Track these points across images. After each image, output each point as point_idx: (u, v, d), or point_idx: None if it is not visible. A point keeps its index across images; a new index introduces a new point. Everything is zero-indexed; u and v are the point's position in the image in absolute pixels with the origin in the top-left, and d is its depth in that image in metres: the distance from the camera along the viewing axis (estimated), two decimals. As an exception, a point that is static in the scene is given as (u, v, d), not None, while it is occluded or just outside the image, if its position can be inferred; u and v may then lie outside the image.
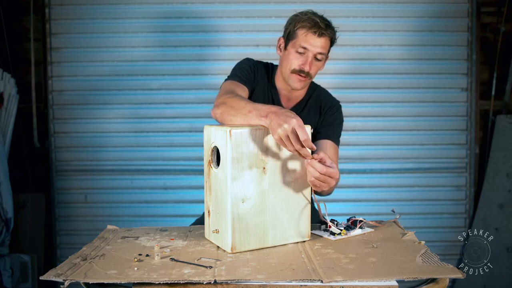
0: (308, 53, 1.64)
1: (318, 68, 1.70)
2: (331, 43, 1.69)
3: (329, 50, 1.71)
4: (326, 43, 1.66)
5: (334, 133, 1.78)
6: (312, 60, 1.65)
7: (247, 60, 1.79)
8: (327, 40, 1.65)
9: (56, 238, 3.09)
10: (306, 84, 1.72)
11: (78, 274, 1.08)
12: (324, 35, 1.63)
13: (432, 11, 3.06)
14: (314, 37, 1.62)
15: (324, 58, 1.70)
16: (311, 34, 1.62)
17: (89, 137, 3.07)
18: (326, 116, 1.78)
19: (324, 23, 1.63)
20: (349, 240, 1.34)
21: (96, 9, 3.02)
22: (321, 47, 1.64)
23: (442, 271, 1.07)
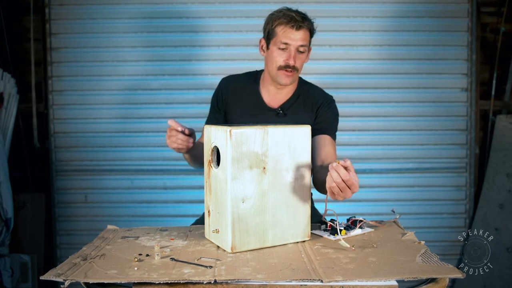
0: (290, 48, 1.67)
1: (303, 60, 1.73)
2: (311, 34, 1.72)
3: (310, 42, 1.74)
4: (306, 35, 1.68)
5: (331, 127, 1.80)
6: (295, 53, 1.68)
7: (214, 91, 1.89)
8: (306, 31, 1.68)
9: (56, 238, 3.08)
10: (295, 78, 1.74)
11: (78, 274, 1.08)
12: (302, 28, 1.66)
13: (432, 11, 3.06)
14: (292, 31, 1.65)
15: (307, 50, 1.72)
16: (289, 29, 1.65)
17: (89, 137, 3.07)
18: (320, 112, 1.79)
19: (300, 16, 1.67)
20: (349, 240, 1.34)
21: (96, 9, 3.02)
22: (301, 39, 1.67)
23: (442, 271, 1.07)
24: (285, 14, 1.67)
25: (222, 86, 1.87)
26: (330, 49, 3.06)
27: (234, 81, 1.87)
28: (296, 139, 1.29)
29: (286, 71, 1.69)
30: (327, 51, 3.05)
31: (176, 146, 1.58)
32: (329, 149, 1.72)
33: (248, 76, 1.87)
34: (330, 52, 3.06)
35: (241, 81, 1.85)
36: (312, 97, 1.81)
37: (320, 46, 3.06)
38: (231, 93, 1.83)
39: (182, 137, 1.55)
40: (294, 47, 1.67)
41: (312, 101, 1.80)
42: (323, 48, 3.05)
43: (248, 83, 1.84)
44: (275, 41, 1.68)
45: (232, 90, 1.84)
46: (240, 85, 1.84)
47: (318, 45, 3.05)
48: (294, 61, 1.67)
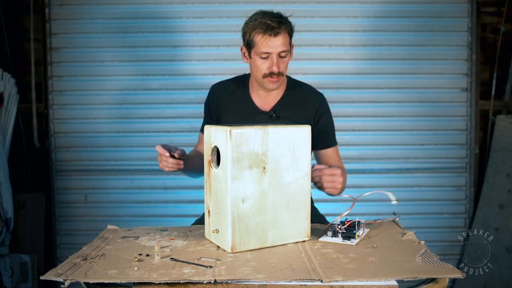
0: (271, 56, 1.66)
1: (286, 63, 1.72)
2: (290, 35, 1.70)
3: (291, 41, 1.73)
4: (285, 39, 1.67)
5: (331, 136, 1.84)
6: (277, 60, 1.67)
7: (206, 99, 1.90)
8: (285, 35, 1.66)
9: (56, 238, 3.09)
10: (281, 82, 1.75)
11: (79, 274, 1.08)
12: (280, 33, 1.64)
13: (432, 11, 3.06)
14: (271, 39, 1.64)
15: (289, 51, 1.71)
16: (267, 37, 1.64)
17: (89, 137, 3.07)
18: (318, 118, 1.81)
19: (276, 21, 1.64)
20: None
21: (96, 9, 3.02)
22: (281, 45, 1.65)
23: (442, 271, 1.07)
24: (260, 22, 1.64)
25: (213, 93, 1.87)
26: (330, 49, 3.06)
27: (223, 87, 1.86)
28: (296, 139, 1.29)
29: (271, 78, 1.69)
30: (327, 51, 3.06)
31: (168, 170, 1.62)
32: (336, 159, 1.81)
33: (237, 81, 1.86)
34: (330, 52, 3.06)
35: (230, 86, 1.85)
36: (305, 97, 1.82)
37: (320, 46, 3.06)
38: (222, 99, 1.83)
39: (172, 161, 1.58)
40: (275, 54, 1.66)
41: (305, 102, 1.81)
42: (323, 48, 3.05)
43: (238, 88, 1.84)
44: (256, 50, 1.67)
45: (222, 96, 1.84)
46: (230, 91, 1.84)
47: (318, 45, 3.06)
48: (277, 67, 1.67)
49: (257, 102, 1.81)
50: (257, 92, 1.81)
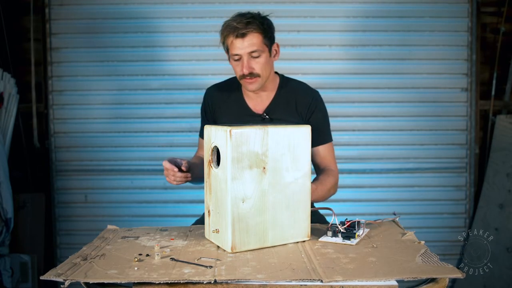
0: (242, 57, 1.66)
1: (262, 63, 1.68)
2: (264, 33, 1.67)
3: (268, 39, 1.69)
4: (254, 39, 1.64)
5: (329, 131, 1.82)
6: (247, 61, 1.65)
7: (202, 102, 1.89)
8: (254, 34, 1.64)
9: (56, 238, 3.09)
10: (260, 83, 1.70)
11: (78, 274, 1.08)
12: (247, 34, 1.63)
13: (432, 11, 3.06)
14: (238, 41, 1.64)
15: (265, 51, 1.68)
16: (234, 39, 1.64)
17: (89, 137, 3.07)
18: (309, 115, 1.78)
19: (242, 23, 1.63)
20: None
21: (96, 9, 3.02)
22: (249, 45, 1.64)
23: (442, 271, 1.07)
24: (228, 25, 1.66)
25: (208, 96, 1.87)
26: (330, 49, 3.06)
27: (218, 90, 1.86)
28: (296, 139, 1.29)
29: (246, 79, 1.68)
30: (327, 51, 3.06)
31: (176, 184, 1.61)
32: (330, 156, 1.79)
33: (231, 83, 1.86)
34: (330, 52, 3.06)
35: (225, 89, 1.85)
36: (296, 96, 1.79)
37: (320, 46, 3.06)
38: (217, 102, 1.83)
39: (180, 175, 1.55)
40: (245, 56, 1.65)
41: (297, 101, 1.78)
42: (323, 48, 3.05)
43: (232, 90, 1.83)
44: (230, 54, 1.69)
45: (218, 99, 1.84)
46: (225, 94, 1.83)
47: (318, 45, 3.06)
48: (247, 69, 1.65)
49: (250, 104, 1.80)
50: (248, 94, 1.80)
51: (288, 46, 3.00)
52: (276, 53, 1.77)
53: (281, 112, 1.77)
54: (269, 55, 1.71)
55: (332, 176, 1.71)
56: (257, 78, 1.68)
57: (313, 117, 1.78)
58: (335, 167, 1.79)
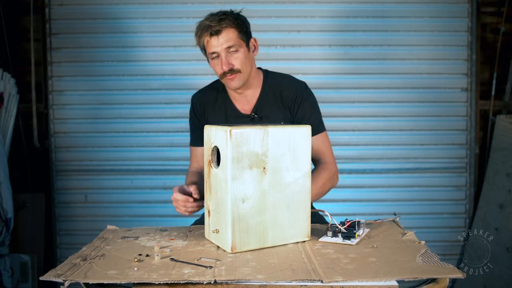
0: (219, 55, 1.64)
1: (241, 58, 1.65)
2: (239, 28, 1.65)
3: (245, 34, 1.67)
4: (230, 34, 1.62)
5: (320, 122, 1.75)
6: (226, 57, 1.63)
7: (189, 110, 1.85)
8: (229, 30, 1.63)
9: (56, 238, 3.09)
10: (242, 78, 1.66)
11: (78, 274, 1.08)
12: (221, 30, 1.62)
13: (432, 11, 3.06)
14: (213, 38, 1.62)
15: (240, 45, 1.65)
16: (209, 38, 1.63)
17: (89, 137, 3.07)
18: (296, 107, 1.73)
19: (215, 20, 1.62)
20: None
21: (96, 9, 3.02)
22: (225, 41, 1.62)
23: (442, 271, 1.07)
24: (200, 24, 1.65)
25: (196, 103, 1.82)
26: (330, 49, 3.06)
27: (205, 96, 1.82)
28: (296, 139, 1.29)
29: (227, 76, 1.65)
30: (327, 51, 3.05)
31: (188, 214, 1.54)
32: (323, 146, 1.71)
33: (215, 87, 1.82)
34: (330, 52, 3.06)
35: (211, 94, 1.81)
36: (281, 89, 1.75)
37: (320, 46, 3.06)
38: (206, 108, 1.80)
39: (192, 205, 1.49)
40: (222, 52, 1.63)
41: (283, 95, 1.74)
42: (323, 48, 3.05)
43: (218, 93, 1.80)
44: (207, 53, 1.67)
45: (206, 104, 1.80)
46: (211, 97, 1.80)
47: (318, 45, 3.06)
48: (227, 65, 1.62)
49: (237, 105, 1.76)
50: (234, 96, 1.77)
51: (288, 46, 3.00)
52: (255, 48, 1.73)
53: (269, 109, 1.73)
54: (247, 50, 1.68)
55: (325, 170, 1.66)
56: (237, 74, 1.65)
57: (301, 109, 1.73)
58: (331, 158, 1.72)
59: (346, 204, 3.07)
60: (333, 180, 1.68)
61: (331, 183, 1.67)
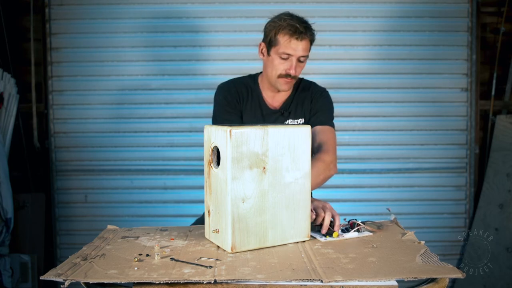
0: (292, 58, 1.71)
1: (302, 68, 1.77)
2: (311, 42, 1.75)
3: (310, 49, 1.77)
4: (307, 45, 1.72)
5: (329, 117, 1.84)
6: (296, 63, 1.72)
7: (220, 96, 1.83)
8: (308, 42, 1.72)
9: (56, 238, 3.09)
10: (293, 84, 1.80)
11: (78, 274, 1.08)
12: (304, 39, 1.69)
13: (432, 11, 3.06)
14: (296, 42, 1.68)
15: (307, 57, 1.76)
16: (293, 40, 1.68)
17: (89, 137, 3.07)
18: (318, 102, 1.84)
19: (303, 26, 1.69)
20: (349, 240, 1.34)
21: (96, 9, 3.02)
22: (303, 50, 1.70)
23: (442, 270, 1.07)
24: (289, 24, 1.69)
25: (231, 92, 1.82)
26: (330, 49, 3.06)
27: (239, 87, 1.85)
28: (296, 139, 1.29)
29: (286, 79, 1.74)
30: (327, 51, 3.06)
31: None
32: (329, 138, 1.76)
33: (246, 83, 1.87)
34: (330, 52, 3.06)
35: (243, 88, 1.86)
36: (308, 91, 1.87)
37: (320, 46, 3.06)
38: (242, 98, 1.84)
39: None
40: (295, 58, 1.70)
41: (308, 95, 1.86)
42: (323, 48, 3.05)
43: (251, 90, 1.86)
44: (277, 50, 1.71)
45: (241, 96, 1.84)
46: (245, 92, 1.85)
47: (318, 45, 3.04)
48: (295, 70, 1.72)
49: (268, 100, 1.85)
50: (267, 92, 1.85)
51: (288, 46, 3.00)
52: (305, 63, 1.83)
53: (297, 107, 1.84)
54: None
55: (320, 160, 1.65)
56: (293, 80, 1.75)
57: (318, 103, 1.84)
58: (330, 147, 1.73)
59: (346, 204, 3.07)
60: (329, 170, 1.68)
61: (327, 173, 1.67)
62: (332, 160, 1.70)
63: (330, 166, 1.69)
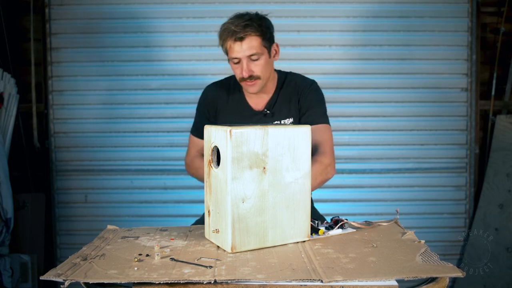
0: (241, 61, 1.65)
1: (262, 65, 1.68)
2: (262, 35, 1.66)
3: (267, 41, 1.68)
4: (252, 42, 1.64)
5: (321, 114, 1.75)
6: (247, 64, 1.65)
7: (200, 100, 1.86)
8: (252, 38, 1.63)
9: (56, 238, 3.09)
10: (260, 84, 1.71)
11: (78, 274, 1.08)
12: (245, 37, 1.62)
13: (432, 11, 3.06)
14: (236, 44, 1.63)
15: (263, 53, 1.67)
16: (233, 43, 1.63)
17: (89, 137, 3.07)
18: (306, 100, 1.76)
19: (240, 26, 1.62)
20: (349, 239, 1.34)
21: (96, 9, 3.02)
22: (248, 49, 1.63)
23: (442, 270, 1.07)
24: (226, 28, 1.64)
25: (209, 94, 1.84)
26: (330, 49, 3.06)
27: (219, 88, 1.84)
28: (296, 139, 1.29)
29: (247, 82, 1.68)
30: (327, 51, 3.06)
31: None
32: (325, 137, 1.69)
33: (230, 82, 1.85)
34: (330, 52, 3.06)
35: (225, 87, 1.84)
36: (293, 87, 1.79)
37: (320, 46, 3.06)
38: (219, 100, 1.82)
39: None
40: (244, 59, 1.65)
41: (294, 91, 1.79)
42: (323, 48, 3.05)
43: (232, 89, 1.82)
44: (229, 57, 1.69)
45: (219, 97, 1.82)
46: (226, 92, 1.82)
47: (318, 45, 3.06)
48: (247, 72, 1.65)
49: (250, 102, 1.80)
50: (248, 94, 1.80)
51: (288, 46, 3.00)
52: (276, 53, 1.76)
53: (282, 106, 1.77)
54: (268, 57, 1.70)
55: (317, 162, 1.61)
56: (257, 80, 1.68)
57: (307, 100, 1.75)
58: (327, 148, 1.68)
59: (346, 204, 3.07)
60: (326, 172, 1.65)
61: (324, 176, 1.64)
62: (330, 162, 1.66)
63: (327, 169, 1.65)
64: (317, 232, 1.38)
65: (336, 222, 1.42)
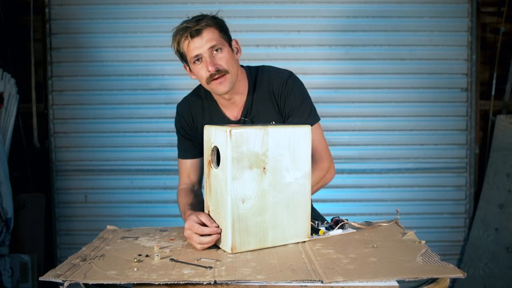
0: (203, 57, 1.52)
1: (227, 57, 1.54)
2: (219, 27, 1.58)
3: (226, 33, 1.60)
4: (210, 33, 1.54)
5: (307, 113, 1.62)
6: (211, 58, 1.52)
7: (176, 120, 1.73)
8: (209, 29, 1.54)
9: (56, 238, 3.08)
10: (230, 80, 1.55)
11: (78, 274, 1.08)
12: (201, 30, 1.53)
13: (432, 11, 3.06)
14: (195, 40, 1.52)
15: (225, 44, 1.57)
16: (189, 40, 1.52)
17: (89, 137, 3.07)
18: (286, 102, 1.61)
19: (194, 21, 1.55)
20: (349, 239, 1.34)
21: (96, 9, 3.02)
22: (207, 41, 1.52)
23: (443, 270, 1.07)
24: (179, 29, 1.55)
25: (183, 112, 1.70)
26: (330, 49, 3.06)
27: (191, 103, 1.71)
28: (296, 139, 1.29)
29: (216, 80, 1.52)
30: (327, 51, 3.05)
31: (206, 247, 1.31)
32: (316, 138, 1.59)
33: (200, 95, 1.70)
34: (330, 52, 3.06)
35: (197, 101, 1.70)
36: (267, 84, 1.64)
37: (320, 46, 3.06)
38: (195, 116, 1.69)
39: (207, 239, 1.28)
40: (206, 53, 1.51)
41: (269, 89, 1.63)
42: (323, 48, 3.05)
43: (204, 101, 1.69)
44: (189, 59, 1.55)
45: (194, 113, 1.69)
46: (199, 106, 1.70)
47: (318, 45, 3.06)
48: (212, 66, 1.50)
49: (226, 112, 1.66)
50: (221, 102, 1.65)
51: (288, 46, 3.00)
52: (238, 50, 1.65)
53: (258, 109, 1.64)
54: (231, 51, 1.59)
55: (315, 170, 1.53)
56: (225, 75, 1.52)
57: (287, 103, 1.62)
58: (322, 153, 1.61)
59: (346, 204, 3.07)
60: (325, 178, 1.61)
61: (323, 182, 1.61)
62: (328, 167, 1.61)
63: (326, 176, 1.61)
64: (317, 233, 1.37)
65: (336, 223, 1.42)
